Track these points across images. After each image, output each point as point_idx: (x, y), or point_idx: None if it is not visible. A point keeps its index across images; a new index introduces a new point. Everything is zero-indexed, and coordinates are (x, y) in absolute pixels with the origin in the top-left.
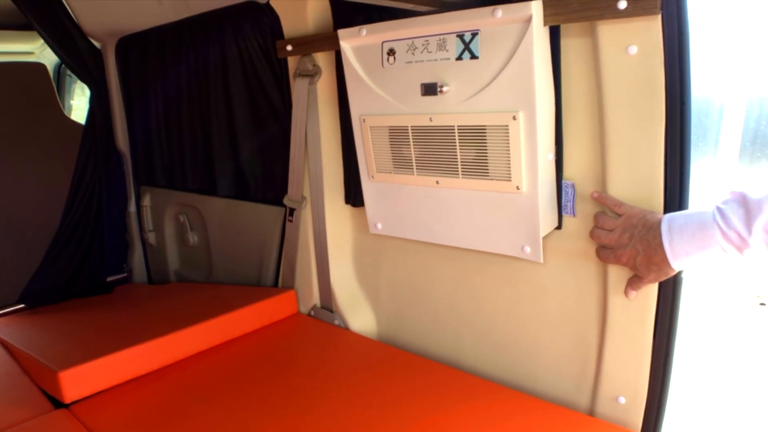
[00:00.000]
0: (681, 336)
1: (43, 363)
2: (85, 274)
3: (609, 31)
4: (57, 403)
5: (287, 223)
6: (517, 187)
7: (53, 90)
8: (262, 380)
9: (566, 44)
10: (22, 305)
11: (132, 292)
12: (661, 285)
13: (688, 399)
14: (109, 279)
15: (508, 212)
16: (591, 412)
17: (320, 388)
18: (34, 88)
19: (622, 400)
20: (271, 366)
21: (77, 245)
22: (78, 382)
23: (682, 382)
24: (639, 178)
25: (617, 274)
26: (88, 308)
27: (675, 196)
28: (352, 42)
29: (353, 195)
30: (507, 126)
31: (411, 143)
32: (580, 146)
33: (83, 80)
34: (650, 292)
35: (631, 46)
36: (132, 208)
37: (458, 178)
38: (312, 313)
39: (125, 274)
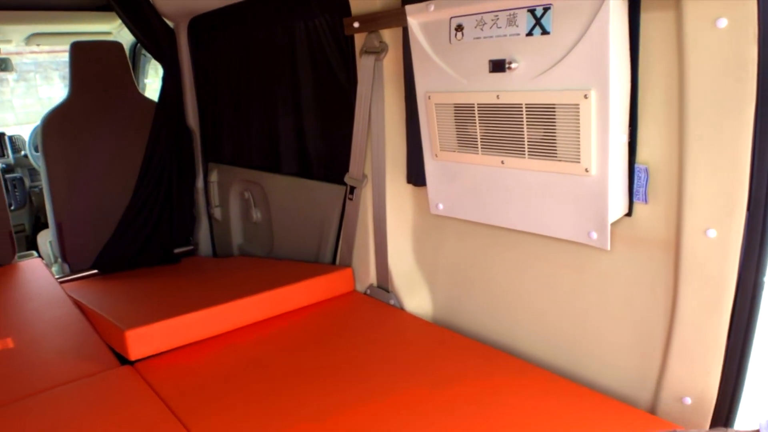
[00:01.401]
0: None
1: (112, 322)
2: (154, 244)
3: (695, 3)
4: (123, 360)
5: (347, 201)
6: (586, 170)
7: (129, 68)
8: (315, 353)
9: (646, 18)
10: (95, 271)
11: (197, 264)
12: (740, 278)
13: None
14: (176, 251)
15: (576, 196)
16: (652, 410)
17: (372, 365)
18: (111, 66)
19: (688, 400)
20: (325, 340)
21: (147, 217)
22: (143, 341)
23: (760, 385)
24: (722, 164)
25: (691, 265)
26: (156, 276)
27: (762, 183)
28: (419, 18)
29: (415, 174)
30: (578, 105)
31: (477, 121)
32: (657, 128)
33: (157, 59)
34: (727, 285)
35: (720, 18)
36: (200, 183)
37: (524, 158)
38: (368, 291)
39: (191, 247)
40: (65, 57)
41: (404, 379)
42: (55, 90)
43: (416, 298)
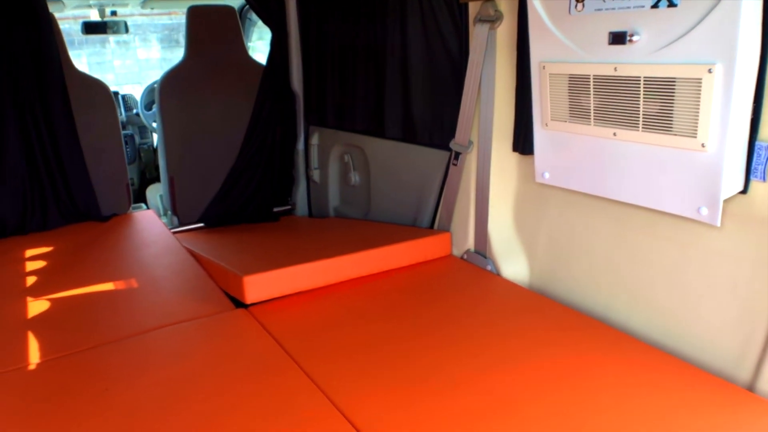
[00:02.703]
0: None
1: (228, 269)
2: (256, 203)
3: None
4: (237, 304)
5: (451, 166)
6: (702, 145)
7: (240, 31)
8: (413, 310)
9: None
10: (201, 225)
11: (295, 223)
12: None
13: None
14: (275, 209)
15: (688, 170)
16: (750, 389)
17: (468, 326)
18: (224, 29)
19: None
20: (423, 299)
21: (251, 177)
22: (258, 287)
23: None
24: None
25: None
26: (258, 232)
27: None
28: None
29: (522, 143)
30: (700, 79)
31: (591, 93)
32: None
33: (265, 22)
34: None
35: None
36: (300, 146)
37: (638, 131)
38: (465, 256)
39: (289, 207)
40: (163, 20)
41: (498, 341)
42: (152, 52)
43: (514, 264)
